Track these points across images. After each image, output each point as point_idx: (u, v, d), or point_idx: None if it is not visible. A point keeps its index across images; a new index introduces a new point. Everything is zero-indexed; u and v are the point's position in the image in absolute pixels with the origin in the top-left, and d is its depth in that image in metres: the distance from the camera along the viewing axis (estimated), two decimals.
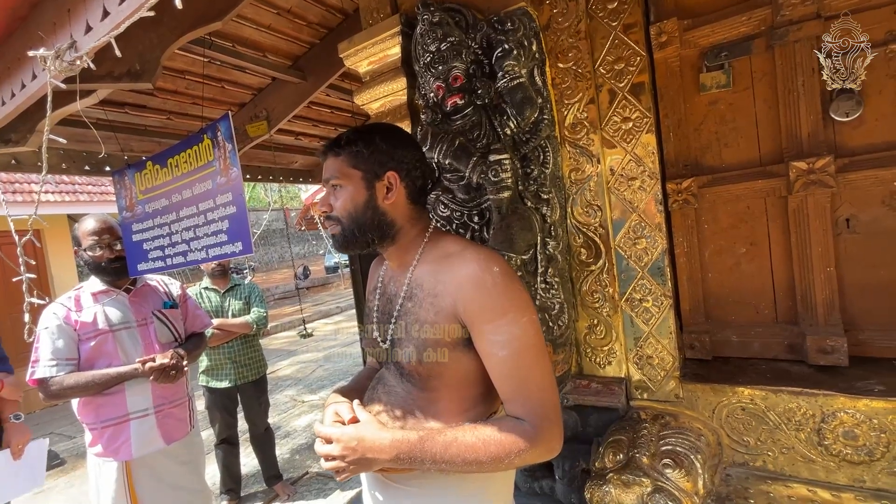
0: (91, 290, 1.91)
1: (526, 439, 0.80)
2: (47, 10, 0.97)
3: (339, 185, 0.92)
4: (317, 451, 0.87)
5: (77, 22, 0.90)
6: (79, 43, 0.91)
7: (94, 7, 0.86)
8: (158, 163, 1.76)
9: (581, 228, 1.56)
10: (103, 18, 0.84)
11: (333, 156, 0.93)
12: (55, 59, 0.90)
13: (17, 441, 2.01)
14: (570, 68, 1.52)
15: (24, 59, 1.06)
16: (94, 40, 0.87)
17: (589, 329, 1.59)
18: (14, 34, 1.09)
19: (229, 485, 3.01)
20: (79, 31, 0.90)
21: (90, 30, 0.88)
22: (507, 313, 0.84)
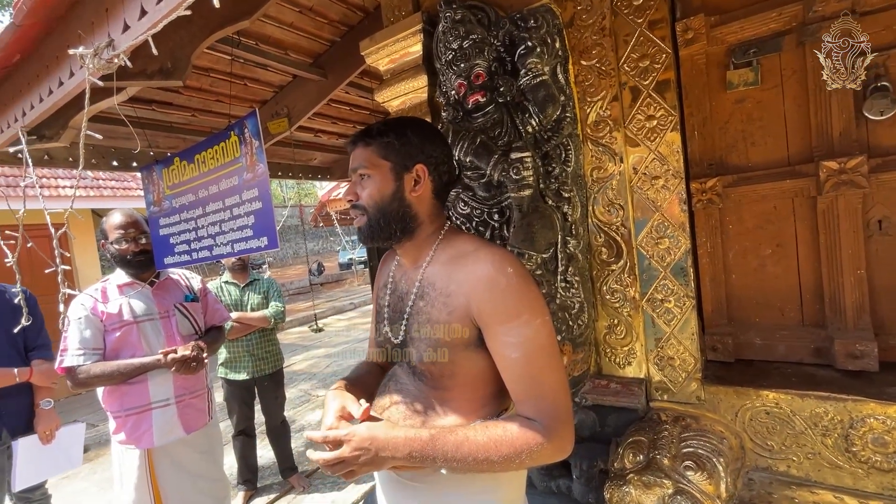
0: (117, 283, 1.96)
1: (538, 440, 0.80)
2: (86, 9, 1.00)
3: (368, 174, 0.93)
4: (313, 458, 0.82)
5: (115, 21, 0.93)
6: (116, 41, 0.94)
7: (132, 6, 0.88)
8: (185, 159, 1.80)
9: (602, 227, 1.55)
10: (141, 17, 0.87)
11: (363, 145, 0.93)
12: (93, 57, 0.93)
13: (44, 427, 2.09)
14: (594, 66, 1.51)
15: (63, 57, 1.09)
16: (130, 39, 0.90)
17: (609, 329, 1.58)
18: (53, 33, 1.12)
19: (246, 475, 3.06)
20: (116, 30, 0.93)
21: (127, 28, 0.91)
22: (520, 315, 0.84)
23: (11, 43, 1.11)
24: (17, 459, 2.00)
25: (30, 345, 2.16)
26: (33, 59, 1.22)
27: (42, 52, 1.18)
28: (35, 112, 1.25)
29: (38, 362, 2.13)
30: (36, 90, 1.23)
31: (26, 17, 1.01)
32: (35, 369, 2.11)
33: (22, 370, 2.06)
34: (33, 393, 2.14)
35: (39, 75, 1.20)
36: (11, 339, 2.09)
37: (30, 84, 1.26)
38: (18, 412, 2.10)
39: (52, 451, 2.12)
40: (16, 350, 2.11)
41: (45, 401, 2.14)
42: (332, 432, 0.82)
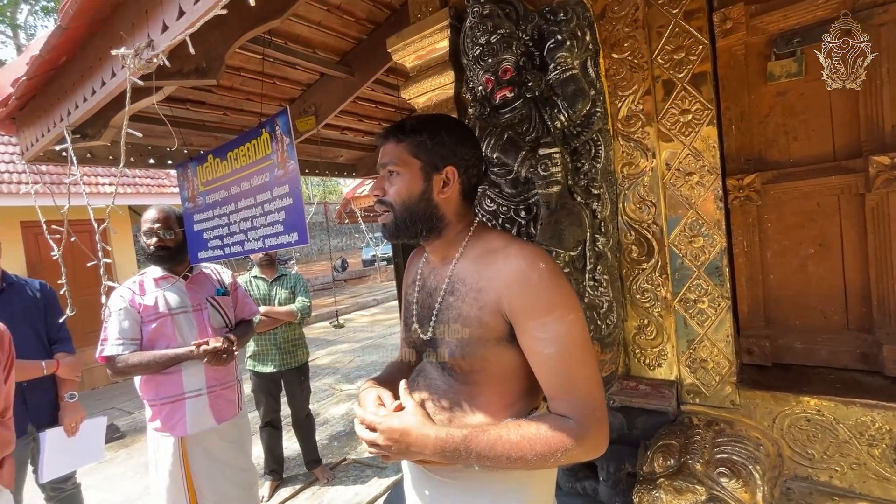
0: (153, 276, 2.04)
1: (572, 438, 0.79)
2: (128, 11, 1.03)
3: (397, 171, 0.93)
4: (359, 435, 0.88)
5: (154, 22, 0.96)
6: (155, 42, 0.97)
7: (171, 7, 0.91)
8: (219, 156, 1.85)
9: (633, 225, 1.51)
10: (179, 17, 0.89)
11: (395, 141, 0.93)
12: (134, 57, 0.96)
13: (69, 419, 2.10)
14: (626, 59, 1.46)
15: (105, 57, 1.14)
16: (169, 39, 0.92)
17: (638, 329, 1.54)
18: (96, 35, 1.17)
19: (272, 465, 3.14)
20: (156, 31, 0.96)
21: (166, 29, 0.93)
22: (553, 310, 0.83)
23: (58, 45, 1.17)
24: (44, 451, 2.03)
25: (52, 338, 2.19)
26: (78, 61, 1.28)
27: (86, 54, 1.23)
28: (79, 111, 1.31)
29: (62, 355, 2.16)
30: (80, 90, 1.29)
31: (72, 19, 1.06)
32: (61, 362, 2.13)
33: (49, 362, 2.09)
34: (57, 386, 2.16)
35: (83, 76, 1.25)
36: (37, 333, 2.13)
37: (74, 85, 1.32)
38: (44, 405, 2.12)
39: (77, 443, 2.14)
40: (41, 344, 2.15)
41: (70, 394, 2.16)
42: (369, 416, 0.86)
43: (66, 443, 2.08)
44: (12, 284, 2.12)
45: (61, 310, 2.23)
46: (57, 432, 2.05)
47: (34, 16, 14.95)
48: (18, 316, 2.03)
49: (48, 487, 2.22)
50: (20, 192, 5.52)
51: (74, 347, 2.24)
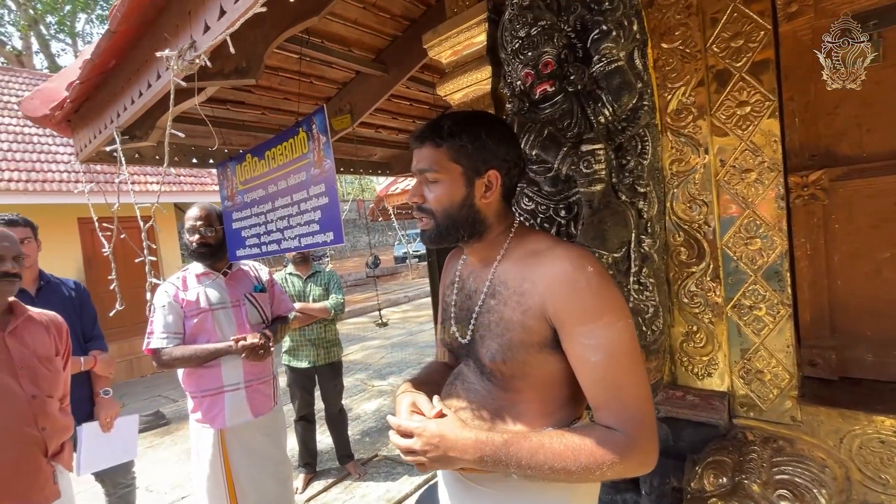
0: (195, 272, 2.10)
1: (620, 451, 0.74)
2: (172, 13, 1.05)
3: (436, 178, 0.89)
4: (394, 442, 0.85)
5: (196, 22, 0.97)
6: (197, 42, 0.98)
7: (212, 7, 0.91)
8: (257, 155, 1.88)
9: (682, 225, 1.42)
10: (220, 17, 0.89)
11: (433, 146, 0.89)
12: (178, 58, 0.97)
13: (105, 414, 2.14)
14: (677, 48, 1.37)
15: (151, 60, 1.17)
16: (211, 39, 0.93)
17: (686, 336, 1.45)
18: (143, 38, 1.20)
19: (306, 458, 3.20)
20: (198, 31, 0.97)
21: (208, 29, 0.94)
22: (601, 316, 0.78)
23: (107, 49, 1.21)
24: (81, 445, 2.05)
25: (86, 336, 2.23)
26: (126, 64, 1.32)
27: (133, 57, 1.27)
28: (127, 113, 1.35)
29: (97, 352, 2.19)
30: (128, 93, 1.33)
31: (120, 23, 1.09)
32: (97, 359, 2.17)
33: (87, 359, 2.13)
34: (92, 382, 2.19)
35: (131, 79, 1.29)
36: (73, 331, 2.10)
37: (123, 87, 1.37)
38: (80, 401, 2.12)
39: (112, 439, 2.16)
40: (77, 341, 2.15)
41: (105, 390, 2.20)
42: (404, 422, 0.84)
43: (101, 438, 2.11)
44: (49, 283, 2.18)
45: (94, 308, 2.29)
46: (93, 427, 2.09)
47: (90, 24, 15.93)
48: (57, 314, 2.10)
49: (108, 483, 2.28)
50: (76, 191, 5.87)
51: (106, 345, 2.28)
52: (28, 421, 1.49)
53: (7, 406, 1.45)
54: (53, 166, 6.27)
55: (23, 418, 1.48)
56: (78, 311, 2.19)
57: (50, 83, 1.74)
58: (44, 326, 1.66)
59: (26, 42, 14.01)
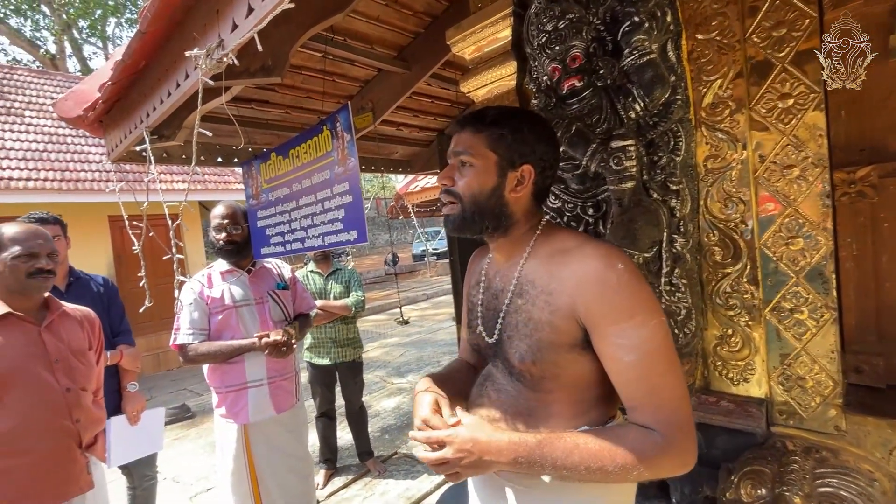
0: (220, 270, 2.13)
1: (658, 450, 0.73)
2: (200, 12, 1.06)
3: (470, 163, 0.88)
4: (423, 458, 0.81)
5: (224, 21, 0.97)
6: (225, 41, 0.98)
7: (240, 5, 0.91)
8: (281, 154, 1.89)
9: (717, 224, 1.36)
10: (248, 15, 0.89)
11: (473, 131, 0.89)
12: (206, 57, 0.97)
13: (132, 408, 2.16)
14: (713, 39, 1.31)
15: (179, 60, 1.18)
16: (238, 37, 0.93)
17: (720, 339, 1.39)
18: (172, 39, 1.21)
19: (327, 455, 3.23)
20: (226, 30, 0.97)
21: (235, 27, 0.94)
22: (634, 315, 0.76)
23: (138, 50, 1.23)
24: (110, 437, 2.06)
25: (114, 331, 2.26)
26: (155, 64, 1.34)
27: (162, 57, 1.28)
28: (157, 113, 1.37)
29: (124, 347, 2.23)
30: (157, 93, 1.35)
31: (150, 23, 1.10)
32: (124, 353, 2.21)
33: (114, 353, 2.16)
34: (120, 376, 2.22)
35: (160, 79, 1.31)
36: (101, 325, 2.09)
37: (152, 87, 1.39)
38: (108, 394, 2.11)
39: (139, 432, 2.18)
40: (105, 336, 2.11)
41: (132, 384, 2.23)
42: (434, 433, 0.81)
43: (129, 430, 2.14)
44: (79, 279, 2.23)
45: (122, 304, 2.34)
46: (121, 420, 2.12)
47: (120, 27, 16.44)
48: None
49: (135, 476, 2.33)
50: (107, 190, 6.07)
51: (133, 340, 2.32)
52: (63, 413, 1.53)
53: (43, 398, 1.49)
54: (86, 166, 6.49)
55: (58, 411, 1.52)
56: (106, 307, 2.24)
57: (83, 85, 1.79)
58: (77, 321, 1.71)
59: (60, 46, 14.55)
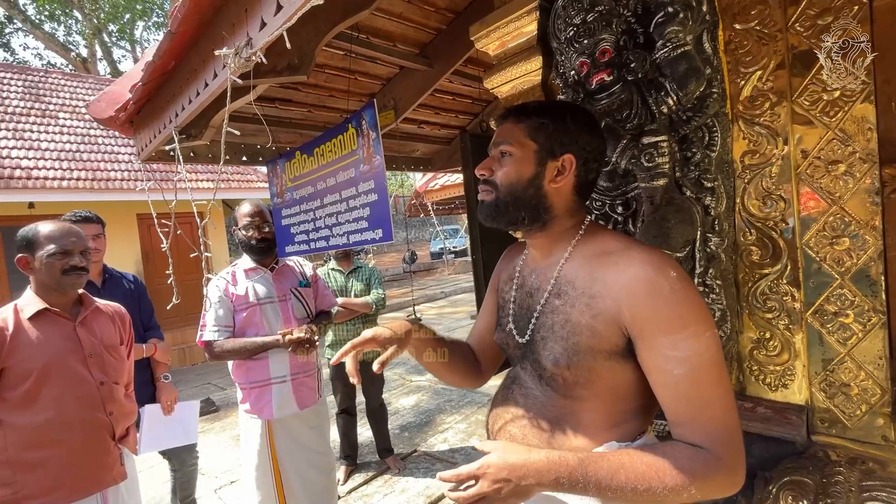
0: (244, 267, 2.16)
1: (708, 470, 0.69)
2: (229, 11, 1.06)
3: (509, 152, 0.86)
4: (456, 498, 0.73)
5: (253, 19, 0.97)
6: (254, 39, 0.98)
7: (269, 3, 0.91)
8: (306, 152, 1.90)
9: (754, 223, 1.31)
10: (277, 13, 0.88)
11: (514, 121, 0.88)
12: (235, 56, 0.97)
13: (165, 398, 2.27)
14: (752, 29, 1.26)
15: (208, 59, 1.19)
16: (267, 35, 0.92)
17: (757, 343, 1.33)
18: (201, 38, 1.23)
19: (347, 451, 3.26)
20: (254, 28, 0.97)
21: (264, 26, 0.94)
22: (687, 326, 0.72)
23: (168, 50, 1.24)
24: (143, 426, 2.15)
25: (144, 325, 2.36)
26: (184, 65, 1.36)
27: (191, 57, 1.30)
28: (185, 113, 1.39)
29: (156, 341, 2.33)
30: (186, 93, 1.37)
31: (180, 24, 1.11)
32: (157, 346, 2.31)
33: (147, 346, 2.27)
34: (152, 368, 2.33)
35: (189, 79, 1.33)
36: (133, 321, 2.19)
37: (181, 87, 1.41)
38: (142, 385, 2.24)
39: (172, 422, 2.28)
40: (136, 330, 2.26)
41: (164, 375, 2.33)
42: (463, 468, 0.74)
43: (162, 420, 2.23)
44: (112, 277, 2.33)
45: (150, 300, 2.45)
46: (155, 408, 2.21)
47: (147, 30, 16.91)
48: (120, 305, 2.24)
49: (175, 461, 2.44)
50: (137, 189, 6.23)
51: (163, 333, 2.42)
52: (97, 406, 1.58)
53: (78, 391, 1.54)
54: (116, 166, 6.69)
55: (92, 403, 1.57)
56: (137, 303, 2.34)
57: (114, 86, 1.83)
58: (109, 317, 1.76)
59: (91, 49, 15.06)
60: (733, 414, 0.73)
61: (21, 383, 1.45)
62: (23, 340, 1.47)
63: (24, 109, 6.90)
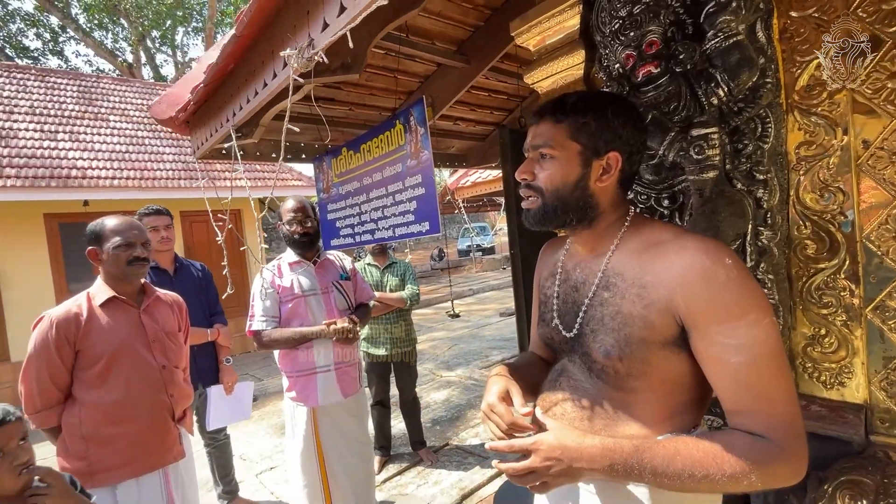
0: (288, 261, 2.25)
1: (771, 458, 0.69)
2: (290, 14, 1.12)
3: (551, 154, 0.85)
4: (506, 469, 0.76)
5: (315, 21, 1.02)
6: (315, 40, 1.03)
7: (331, 5, 0.95)
8: (352, 149, 1.97)
9: (810, 216, 1.27)
10: (340, 14, 0.93)
11: (553, 122, 0.85)
12: (298, 56, 1.02)
13: (227, 380, 2.52)
14: (810, 16, 1.22)
15: (268, 60, 1.25)
16: (329, 36, 0.97)
17: (812, 340, 1.30)
18: (260, 40, 1.29)
19: (381, 442, 3.33)
20: (316, 29, 1.02)
21: (326, 27, 0.99)
22: (746, 314, 0.72)
23: (231, 53, 1.32)
24: (210, 404, 2.44)
25: (210, 311, 2.59)
26: (243, 66, 1.44)
27: (250, 59, 1.37)
28: (243, 112, 1.47)
29: (220, 326, 2.55)
30: (244, 93, 1.44)
31: (246, 27, 1.18)
32: (220, 331, 2.53)
33: (212, 331, 2.50)
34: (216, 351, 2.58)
35: (247, 80, 1.40)
36: (201, 306, 2.54)
37: (239, 88, 1.49)
38: (209, 367, 2.55)
39: (232, 401, 2.53)
40: (204, 315, 2.56)
41: (227, 358, 2.56)
42: (518, 441, 0.77)
43: (224, 399, 2.48)
44: (183, 265, 2.55)
45: (216, 287, 2.65)
46: (219, 389, 2.45)
47: (187, 35, 17.63)
48: (189, 291, 2.44)
49: (207, 436, 2.65)
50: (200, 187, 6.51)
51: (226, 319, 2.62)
52: (159, 388, 1.69)
53: (143, 374, 1.65)
54: (160, 165, 7.03)
55: (155, 386, 1.68)
56: (204, 289, 2.56)
57: (174, 88, 1.94)
58: (168, 305, 1.87)
59: (136, 55, 15.83)
60: (794, 402, 0.72)
61: (94, 364, 1.57)
62: (95, 325, 1.59)
63: (79, 113, 7.33)
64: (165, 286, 2.33)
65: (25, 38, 15.46)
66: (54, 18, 14.88)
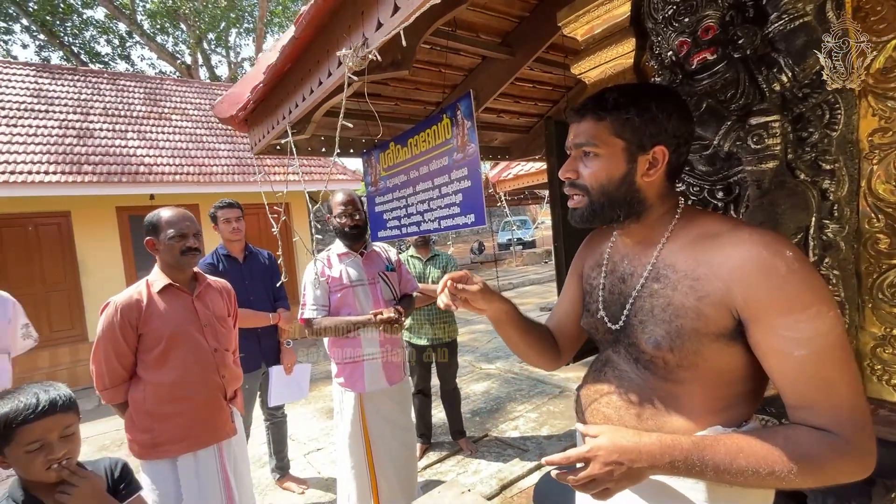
0: (337, 252, 2.35)
1: (838, 454, 0.67)
2: (345, 15, 1.17)
3: (595, 152, 0.84)
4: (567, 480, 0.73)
5: (369, 21, 1.06)
6: (369, 39, 1.07)
7: (385, 5, 0.99)
8: (399, 143, 2.03)
9: (884, 208, 1.19)
10: (393, 14, 0.97)
11: (594, 119, 0.84)
12: (354, 54, 1.07)
13: (287, 361, 2.72)
14: None
15: (322, 59, 1.32)
16: (383, 35, 1.01)
17: (882, 340, 1.22)
18: (316, 41, 1.36)
19: (422, 430, 3.42)
20: (370, 29, 1.06)
21: (380, 26, 1.03)
22: (809, 306, 0.69)
23: (289, 54, 1.40)
24: (272, 382, 2.65)
25: (275, 296, 2.79)
26: (299, 66, 1.52)
27: (306, 59, 1.44)
28: (298, 110, 1.55)
29: (282, 310, 2.74)
30: (300, 91, 1.52)
31: (304, 28, 1.25)
32: (281, 315, 2.72)
33: (274, 315, 2.69)
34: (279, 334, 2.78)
35: (303, 78, 1.48)
36: (267, 291, 2.76)
37: (295, 87, 1.57)
38: (271, 348, 2.76)
39: (291, 381, 2.74)
40: (269, 300, 2.76)
41: (287, 341, 2.76)
42: (573, 451, 0.74)
43: (284, 378, 2.70)
44: (252, 253, 2.77)
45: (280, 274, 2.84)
46: (279, 369, 2.67)
47: (239, 36, 18.47)
48: (257, 277, 2.67)
49: (267, 411, 2.88)
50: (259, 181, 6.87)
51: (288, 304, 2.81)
52: (212, 370, 1.81)
53: (198, 356, 1.77)
54: (217, 161, 7.45)
55: (209, 367, 1.80)
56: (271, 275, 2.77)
57: (235, 88, 2.07)
58: (218, 291, 1.98)
59: (194, 57, 16.78)
60: (861, 395, 0.70)
61: (155, 346, 1.70)
62: (154, 311, 1.71)
63: (145, 112, 7.90)
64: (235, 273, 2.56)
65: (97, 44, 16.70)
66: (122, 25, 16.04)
